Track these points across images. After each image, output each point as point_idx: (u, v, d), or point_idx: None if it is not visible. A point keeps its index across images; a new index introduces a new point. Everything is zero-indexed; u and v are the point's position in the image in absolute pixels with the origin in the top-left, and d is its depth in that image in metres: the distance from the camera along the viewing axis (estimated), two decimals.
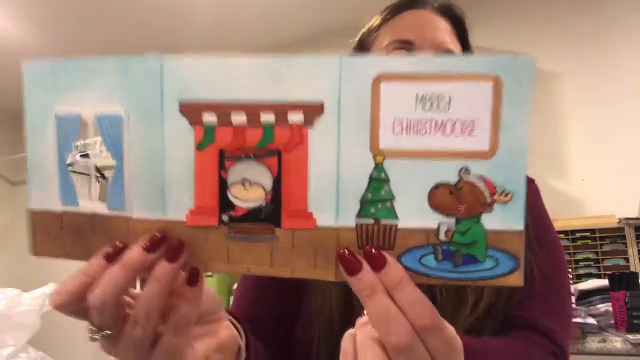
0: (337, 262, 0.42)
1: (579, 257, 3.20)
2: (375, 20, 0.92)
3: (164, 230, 0.43)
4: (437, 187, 0.40)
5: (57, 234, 0.46)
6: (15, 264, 4.69)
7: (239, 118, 0.41)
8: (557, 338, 0.73)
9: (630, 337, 2.09)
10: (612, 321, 2.33)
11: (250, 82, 0.41)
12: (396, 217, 0.41)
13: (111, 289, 0.42)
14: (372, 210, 0.41)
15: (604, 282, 2.50)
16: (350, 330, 0.46)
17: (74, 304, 0.43)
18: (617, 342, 2.12)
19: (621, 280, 2.38)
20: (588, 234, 3.22)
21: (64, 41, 3.94)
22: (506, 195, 0.40)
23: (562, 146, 3.47)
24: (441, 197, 0.40)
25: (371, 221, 0.41)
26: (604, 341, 2.13)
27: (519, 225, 0.40)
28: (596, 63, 3.43)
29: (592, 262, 3.19)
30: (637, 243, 3.12)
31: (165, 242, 0.43)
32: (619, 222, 3.16)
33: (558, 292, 0.80)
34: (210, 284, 2.55)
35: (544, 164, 3.39)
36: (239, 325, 0.58)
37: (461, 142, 0.40)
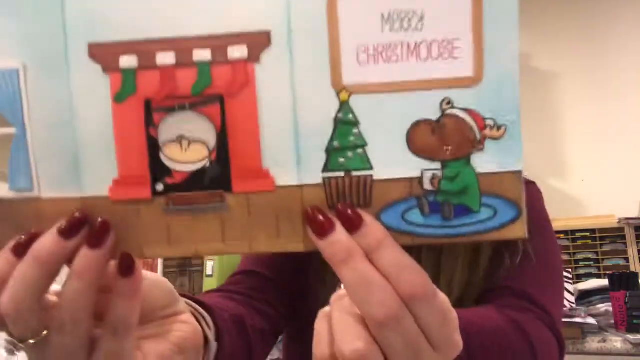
0: (305, 226, 0.34)
1: (579, 257, 3.20)
2: None
3: (83, 209, 0.34)
4: (416, 125, 0.32)
5: None
6: None
7: (165, 58, 0.33)
8: (549, 309, 0.68)
9: (630, 337, 2.07)
10: (612, 321, 2.30)
11: (175, 10, 0.33)
12: (370, 166, 0.33)
13: (24, 291, 0.33)
14: (341, 160, 0.33)
15: (604, 282, 2.47)
16: (325, 309, 0.38)
17: None
18: (617, 342, 2.09)
19: (621, 280, 2.35)
20: (588, 234, 3.22)
21: None
22: (498, 129, 0.32)
23: (562, 146, 3.47)
24: (422, 137, 0.32)
25: (341, 174, 0.33)
26: (604, 341, 2.11)
27: (516, 164, 0.32)
28: (596, 63, 3.45)
29: (592, 262, 3.20)
30: (637, 243, 3.14)
31: (86, 224, 0.34)
32: (619, 222, 3.17)
33: (547, 267, 0.75)
34: (209, 284, 2.37)
35: (544, 164, 3.37)
36: (205, 314, 0.49)
37: (440, 68, 0.32)
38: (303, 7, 0.32)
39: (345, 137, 0.33)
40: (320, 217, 0.33)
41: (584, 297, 2.43)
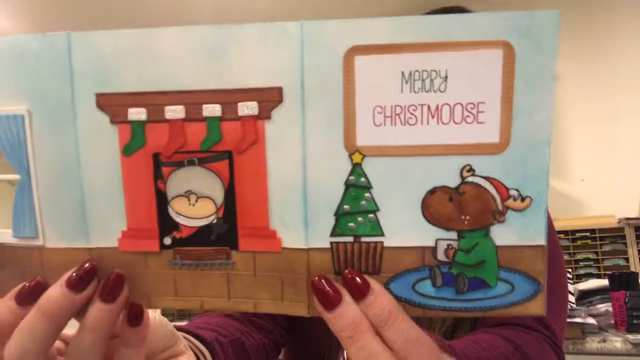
0: (310, 293, 0.31)
1: (579, 257, 3.15)
2: None
3: (92, 260, 0.32)
4: (433, 192, 0.29)
5: None
6: None
7: (175, 112, 0.30)
8: (556, 340, 0.66)
9: (630, 337, 2.05)
10: (612, 321, 2.27)
11: (186, 63, 0.30)
12: (382, 232, 0.30)
13: (32, 343, 0.31)
14: (351, 224, 0.30)
15: (604, 282, 2.43)
16: None
17: None
18: (617, 342, 2.07)
19: (621, 280, 2.32)
20: (588, 234, 3.16)
21: None
22: (523, 200, 0.29)
23: (562, 146, 3.42)
24: (439, 205, 0.29)
25: (350, 239, 0.30)
26: (604, 341, 2.08)
27: (539, 238, 0.29)
28: (596, 63, 3.40)
29: (592, 262, 3.14)
30: (637, 243, 3.08)
31: (95, 275, 0.32)
32: (619, 222, 3.11)
33: (556, 290, 0.72)
34: None
35: None
36: (204, 350, 0.48)
37: (463, 133, 0.29)
38: (317, 63, 0.29)
39: (356, 201, 0.30)
40: (327, 288, 0.30)
41: (584, 297, 2.40)
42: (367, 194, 0.30)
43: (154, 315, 0.38)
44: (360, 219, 0.30)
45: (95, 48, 0.30)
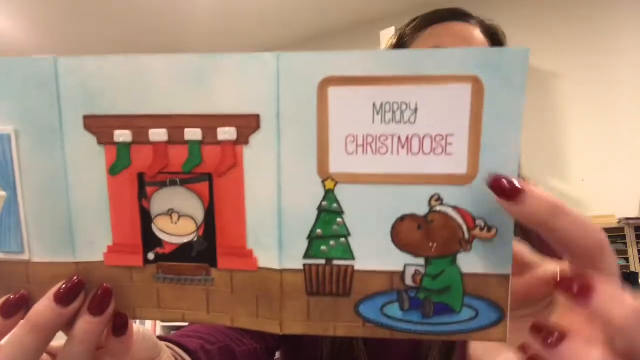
0: (283, 310, 0.32)
1: None
2: (420, 20, 0.84)
3: (79, 275, 0.33)
4: (402, 219, 0.30)
5: None
6: None
7: (158, 134, 0.31)
8: None
9: None
10: None
11: (170, 88, 0.31)
12: (352, 256, 0.31)
13: (20, 356, 0.32)
14: (323, 248, 0.31)
15: None
16: None
17: None
18: None
19: (621, 280, 2.30)
20: None
21: (64, 42, 3.91)
22: (489, 230, 0.30)
23: (562, 146, 3.42)
24: (407, 232, 0.30)
25: (322, 261, 0.31)
26: None
27: (504, 268, 0.30)
28: (596, 63, 3.38)
29: None
30: (637, 243, 3.09)
31: (83, 289, 0.33)
32: (619, 222, 3.12)
33: None
34: None
35: (544, 164, 3.34)
36: (184, 356, 0.48)
37: (432, 164, 0.30)
38: (293, 93, 0.30)
39: (328, 225, 0.31)
40: (506, 183, 0.29)
41: None
42: (339, 219, 0.31)
43: (138, 327, 0.39)
44: (332, 242, 0.31)
45: (83, 73, 0.31)
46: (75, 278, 0.33)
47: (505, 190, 0.29)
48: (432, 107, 0.30)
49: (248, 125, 0.31)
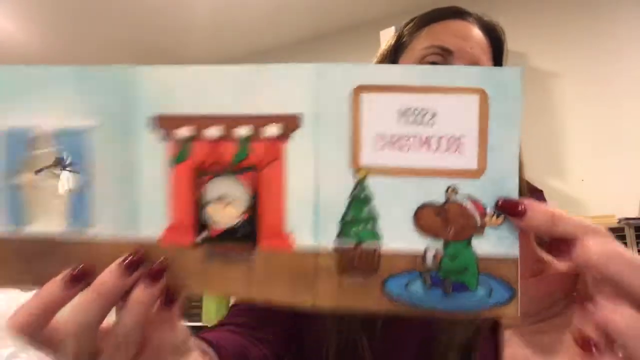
0: (315, 287, 0.38)
1: None
2: (418, 20, 0.88)
3: (141, 249, 0.39)
4: (422, 207, 0.36)
5: (1, 259, 0.41)
6: None
7: (214, 132, 0.38)
8: None
9: None
10: None
11: (225, 93, 0.37)
12: (379, 239, 0.37)
13: (86, 319, 0.38)
14: (354, 231, 0.37)
15: None
16: None
17: (31, 332, 0.38)
18: None
19: None
20: None
21: (64, 42, 3.93)
22: (497, 217, 0.36)
23: (562, 146, 3.43)
24: (427, 218, 0.36)
25: (352, 243, 0.37)
26: None
27: (513, 251, 0.36)
28: (596, 63, 3.38)
29: None
30: (637, 243, 3.09)
31: (144, 260, 0.39)
32: (619, 222, 3.12)
33: None
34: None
35: (544, 164, 3.35)
36: (210, 352, 0.54)
37: (447, 160, 0.36)
38: (330, 96, 0.36)
39: (358, 211, 0.37)
40: (513, 202, 0.36)
41: None
42: (368, 206, 0.37)
43: None
44: (361, 226, 0.37)
45: (154, 80, 0.38)
46: (138, 250, 0.39)
47: (509, 210, 0.36)
48: (447, 113, 0.36)
49: (290, 124, 0.37)
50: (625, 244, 3.12)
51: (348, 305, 0.38)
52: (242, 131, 0.38)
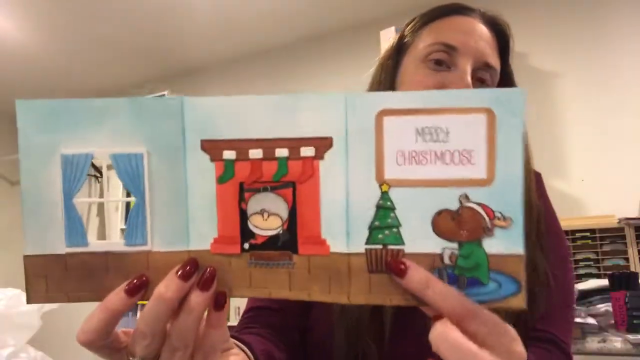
0: (350, 285, 0.44)
1: (578, 257, 3.17)
2: (420, 18, 0.89)
3: (195, 259, 0.45)
4: (439, 213, 0.42)
5: (59, 276, 0.45)
6: (15, 264, 4.59)
7: (255, 153, 0.44)
8: (569, 351, 0.78)
9: (630, 337, 2.08)
10: (612, 321, 2.31)
11: (264, 119, 0.44)
12: (403, 242, 0.43)
13: (152, 325, 0.43)
14: (380, 236, 0.43)
15: (604, 282, 2.48)
16: None
17: (100, 341, 0.44)
18: (617, 342, 2.11)
19: (621, 280, 2.38)
20: (588, 233, 3.21)
21: (64, 42, 3.95)
22: (505, 220, 0.41)
23: (562, 146, 3.47)
24: (444, 222, 0.42)
25: (380, 247, 0.43)
26: (604, 341, 2.13)
27: (518, 249, 0.42)
28: (596, 63, 3.39)
29: (592, 262, 3.18)
30: (637, 243, 3.11)
31: (198, 268, 0.44)
32: (619, 222, 3.15)
33: (566, 301, 0.82)
34: None
35: (544, 164, 3.28)
36: (246, 349, 0.59)
37: (460, 171, 0.42)
38: (357, 120, 0.43)
39: (384, 219, 0.43)
40: (397, 263, 0.43)
41: (584, 297, 2.46)
42: (392, 214, 0.43)
43: None
44: (387, 231, 0.43)
45: (202, 108, 0.44)
46: (192, 260, 0.44)
47: (393, 268, 0.43)
48: (459, 130, 0.42)
49: (324, 144, 0.44)
50: (625, 244, 3.15)
51: (377, 300, 0.44)
52: (281, 152, 0.44)
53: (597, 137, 3.38)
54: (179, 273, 0.44)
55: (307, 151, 0.44)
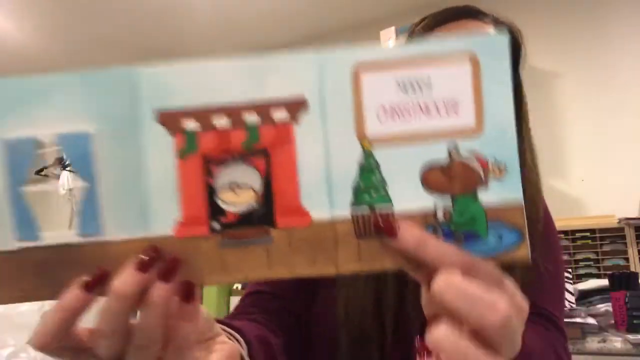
0: (337, 254, 0.40)
1: (579, 257, 3.19)
2: (432, 18, 0.85)
3: (151, 248, 0.40)
4: (429, 167, 0.39)
5: (14, 275, 0.41)
6: None
7: (221, 121, 0.40)
8: (562, 325, 0.78)
9: (630, 337, 2.08)
10: (612, 321, 2.31)
11: (229, 84, 0.40)
12: (391, 202, 0.40)
13: (110, 324, 0.39)
14: (366, 197, 0.40)
15: (604, 282, 2.48)
16: None
17: (56, 344, 0.39)
18: (617, 342, 2.10)
19: (621, 280, 2.37)
20: (588, 233, 3.22)
21: (64, 42, 3.96)
22: (499, 168, 0.39)
23: (562, 146, 3.46)
24: (434, 177, 0.39)
25: (367, 209, 0.40)
26: (604, 341, 2.12)
27: (517, 197, 0.39)
28: (596, 63, 3.43)
29: (592, 262, 3.20)
30: (637, 243, 3.13)
31: (159, 256, 0.39)
32: (619, 222, 3.17)
33: (558, 280, 0.82)
34: (209, 291, 2.46)
35: (544, 164, 3.32)
36: (236, 335, 0.55)
37: (447, 122, 0.39)
38: (332, 78, 0.40)
39: (368, 179, 0.39)
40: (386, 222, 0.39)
41: (584, 297, 2.46)
42: (377, 173, 0.40)
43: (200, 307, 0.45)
44: (373, 192, 0.40)
45: (158, 77, 0.40)
46: (150, 248, 0.39)
47: (384, 228, 0.39)
48: (442, 79, 0.39)
49: (298, 107, 0.40)
50: (625, 244, 3.16)
51: (368, 267, 0.41)
52: (251, 118, 0.40)
53: (597, 137, 3.40)
54: (136, 264, 0.39)
55: (280, 115, 0.40)
